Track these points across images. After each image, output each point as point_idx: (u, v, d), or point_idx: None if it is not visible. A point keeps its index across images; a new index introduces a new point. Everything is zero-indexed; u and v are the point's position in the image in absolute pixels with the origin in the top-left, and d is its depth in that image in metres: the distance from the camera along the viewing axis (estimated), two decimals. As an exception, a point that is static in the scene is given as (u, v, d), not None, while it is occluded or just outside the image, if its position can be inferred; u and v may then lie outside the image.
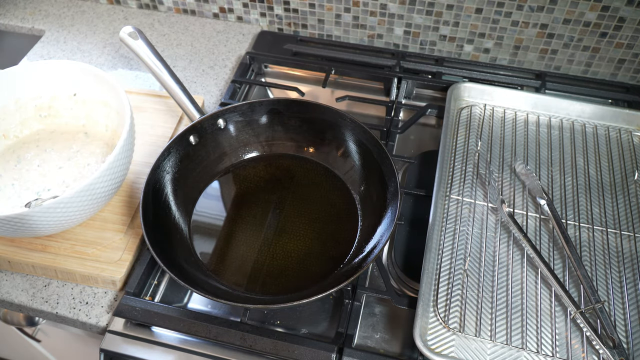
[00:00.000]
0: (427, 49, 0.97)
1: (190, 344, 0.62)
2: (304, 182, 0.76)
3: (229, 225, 0.72)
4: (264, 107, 0.76)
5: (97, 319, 0.65)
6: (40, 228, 0.62)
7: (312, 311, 0.66)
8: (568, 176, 0.75)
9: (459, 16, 0.90)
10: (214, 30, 1.01)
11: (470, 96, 0.85)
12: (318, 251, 0.69)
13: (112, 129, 0.76)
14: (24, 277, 0.69)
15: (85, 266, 0.66)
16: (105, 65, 0.95)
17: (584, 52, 0.90)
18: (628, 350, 0.59)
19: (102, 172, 0.61)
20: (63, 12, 1.05)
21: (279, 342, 0.60)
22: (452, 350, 0.59)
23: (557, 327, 0.61)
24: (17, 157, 0.75)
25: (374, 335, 0.65)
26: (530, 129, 0.81)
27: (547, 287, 0.64)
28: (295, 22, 0.99)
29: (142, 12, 1.05)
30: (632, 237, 0.69)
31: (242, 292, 0.65)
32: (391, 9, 0.92)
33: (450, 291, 0.64)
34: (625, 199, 0.73)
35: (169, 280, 0.70)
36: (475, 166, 0.76)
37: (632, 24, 0.84)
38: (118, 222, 0.70)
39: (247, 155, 0.79)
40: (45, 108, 0.78)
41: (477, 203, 0.72)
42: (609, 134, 0.80)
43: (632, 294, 0.64)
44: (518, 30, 0.89)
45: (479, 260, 0.67)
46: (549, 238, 0.69)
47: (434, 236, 0.67)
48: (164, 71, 0.75)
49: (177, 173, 0.72)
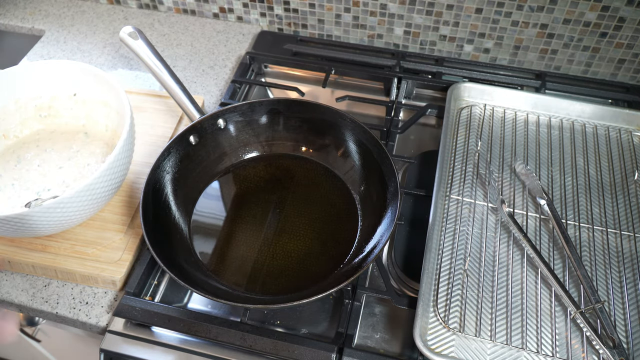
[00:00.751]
0: (427, 49, 0.97)
1: (190, 344, 0.62)
2: (304, 182, 0.76)
3: (229, 225, 0.72)
4: (264, 107, 0.76)
5: (97, 319, 0.65)
6: (40, 228, 0.62)
7: (312, 311, 0.66)
8: (568, 176, 0.75)
9: (459, 16, 0.90)
10: (214, 30, 1.01)
11: (470, 96, 0.85)
12: (318, 251, 0.69)
13: (112, 129, 0.76)
14: (24, 277, 0.69)
15: (85, 266, 0.66)
16: (105, 65, 0.95)
17: (584, 52, 0.90)
18: (628, 350, 0.59)
19: (102, 172, 0.62)
20: (63, 12, 1.05)
21: (279, 342, 0.60)
22: (452, 350, 0.59)
23: (557, 327, 0.61)
24: (17, 157, 0.75)
25: (374, 335, 0.65)
26: (530, 129, 0.81)
27: (547, 287, 0.64)
28: (295, 22, 0.99)
29: (142, 12, 1.05)
30: (632, 237, 0.69)
31: (242, 292, 0.65)
32: (391, 9, 0.92)
33: (450, 291, 0.64)
34: (625, 199, 0.73)
35: (169, 280, 0.70)
36: (475, 166, 0.76)
37: (632, 24, 0.84)
38: (118, 222, 0.70)
39: (247, 155, 0.79)
40: (45, 108, 0.78)
41: (477, 203, 0.72)
42: (609, 134, 0.80)
43: (632, 294, 0.64)
44: (518, 30, 0.89)
45: (479, 260, 0.67)
46: (549, 238, 0.69)
47: (434, 236, 0.67)
48: (164, 71, 0.75)
49: (177, 173, 0.72)
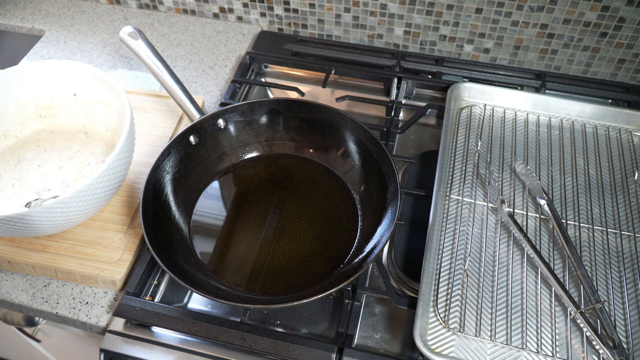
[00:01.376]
0: (427, 49, 0.97)
1: (190, 344, 0.62)
2: (304, 182, 0.76)
3: (229, 225, 0.72)
4: (264, 107, 0.76)
5: (97, 319, 0.65)
6: (40, 228, 0.62)
7: (312, 311, 0.66)
8: (568, 176, 0.75)
9: (459, 16, 0.90)
10: (214, 30, 1.01)
11: (470, 96, 0.85)
12: (318, 251, 0.69)
13: (112, 129, 0.76)
14: (24, 277, 0.69)
15: (85, 266, 0.66)
16: (105, 65, 0.95)
17: (584, 52, 0.90)
18: (628, 350, 0.59)
19: (102, 172, 0.62)
20: (63, 12, 1.05)
21: (279, 342, 0.60)
22: (452, 350, 0.59)
23: (557, 327, 0.61)
24: (17, 157, 0.75)
25: (374, 335, 0.65)
26: (530, 129, 0.81)
27: (547, 287, 0.64)
28: (295, 22, 0.99)
29: (142, 12, 1.05)
30: (632, 237, 0.69)
31: (242, 292, 0.65)
32: (391, 9, 0.92)
33: (450, 291, 0.64)
34: (625, 199, 0.73)
35: (169, 280, 0.70)
36: (475, 166, 0.76)
37: (632, 24, 0.84)
38: (118, 222, 0.70)
39: (247, 155, 0.79)
40: (45, 108, 0.78)
41: (477, 203, 0.72)
42: (609, 134, 0.80)
43: (632, 294, 0.64)
44: (518, 30, 0.89)
45: (479, 260, 0.67)
46: (549, 238, 0.69)
47: (434, 236, 0.67)
48: (164, 71, 0.75)
49: (177, 173, 0.72)
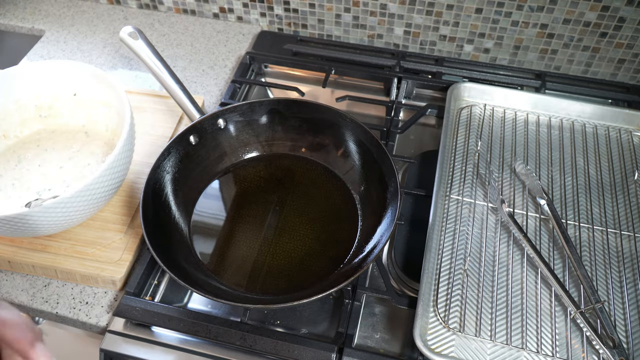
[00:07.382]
0: (427, 49, 0.97)
1: (190, 344, 0.62)
2: (304, 182, 0.76)
3: (229, 225, 0.72)
4: (264, 107, 0.76)
5: (97, 319, 0.65)
6: (41, 228, 0.62)
7: (312, 311, 0.66)
8: (568, 176, 0.75)
9: (459, 16, 0.90)
10: (214, 30, 1.01)
11: (470, 96, 0.85)
12: (318, 251, 0.69)
13: (112, 129, 0.76)
14: (24, 277, 0.69)
15: (85, 266, 0.66)
16: (105, 65, 0.95)
17: (584, 52, 0.90)
18: (628, 350, 0.59)
19: (102, 172, 0.62)
20: (63, 12, 1.05)
21: (279, 342, 0.60)
22: (452, 350, 0.59)
23: (557, 327, 0.61)
24: (18, 157, 0.75)
25: (374, 335, 0.65)
26: (530, 129, 0.81)
27: (547, 287, 0.64)
28: (295, 22, 0.99)
29: (142, 12, 1.05)
30: (632, 237, 0.69)
31: (242, 292, 0.65)
32: (391, 9, 0.92)
33: (450, 291, 0.64)
34: (625, 199, 0.73)
35: (169, 280, 0.70)
36: (475, 166, 0.76)
37: (632, 24, 0.84)
38: (118, 222, 0.70)
39: (247, 155, 0.79)
40: (45, 108, 0.78)
41: (477, 203, 0.72)
42: (609, 134, 0.80)
43: (632, 294, 0.64)
44: (518, 30, 0.89)
45: (479, 260, 0.67)
46: (549, 238, 0.69)
47: (434, 236, 0.67)
48: (164, 71, 0.75)
49: (177, 173, 0.72)
